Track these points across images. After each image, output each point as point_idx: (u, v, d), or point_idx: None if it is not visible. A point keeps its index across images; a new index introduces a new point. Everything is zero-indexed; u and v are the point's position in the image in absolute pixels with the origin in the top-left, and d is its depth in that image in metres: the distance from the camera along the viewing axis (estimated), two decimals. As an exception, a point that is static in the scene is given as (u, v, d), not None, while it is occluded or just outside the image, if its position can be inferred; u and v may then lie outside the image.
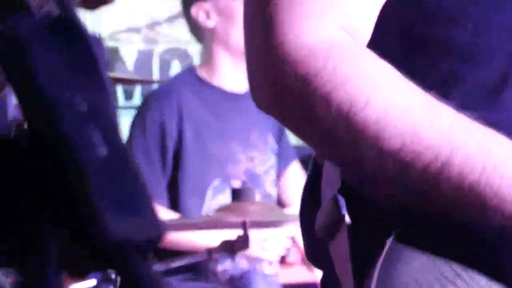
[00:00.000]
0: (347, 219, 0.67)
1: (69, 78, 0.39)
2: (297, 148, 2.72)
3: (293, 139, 2.64)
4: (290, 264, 2.44)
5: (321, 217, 0.71)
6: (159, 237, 0.38)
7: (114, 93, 1.67)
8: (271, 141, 2.45)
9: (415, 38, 0.69)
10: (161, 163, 2.32)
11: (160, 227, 0.38)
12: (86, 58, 0.40)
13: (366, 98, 0.62)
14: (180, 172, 2.31)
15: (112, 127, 0.39)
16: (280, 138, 2.52)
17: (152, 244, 0.37)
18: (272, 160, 2.46)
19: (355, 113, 0.62)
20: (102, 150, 0.38)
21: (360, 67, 0.64)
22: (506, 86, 0.66)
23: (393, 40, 0.68)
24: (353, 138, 0.63)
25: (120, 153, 0.38)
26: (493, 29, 0.68)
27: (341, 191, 0.69)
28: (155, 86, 3.09)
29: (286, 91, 0.64)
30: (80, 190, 0.36)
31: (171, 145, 2.28)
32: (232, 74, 2.41)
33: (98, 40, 0.41)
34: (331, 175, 0.71)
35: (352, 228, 0.67)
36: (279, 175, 2.49)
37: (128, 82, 2.97)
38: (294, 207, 2.37)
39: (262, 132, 2.42)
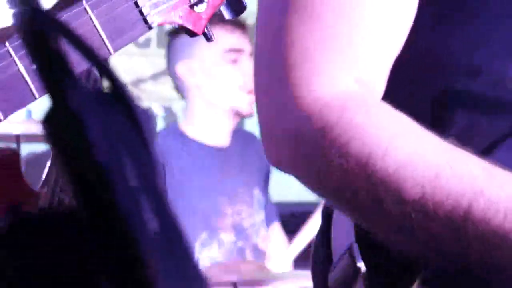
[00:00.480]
0: (363, 269, 0.67)
1: (121, 151, 0.39)
2: (280, 205, 2.72)
3: (275, 195, 2.65)
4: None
5: (335, 271, 0.70)
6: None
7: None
8: (258, 194, 2.45)
9: (431, 90, 0.70)
10: None
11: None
12: (137, 133, 0.40)
13: (385, 148, 0.62)
14: None
15: (162, 202, 0.39)
16: (266, 193, 2.52)
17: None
18: (262, 215, 2.45)
19: (374, 164, 0.62)
20: (154, 225, 0.38)
21: (376, 118, 0.64)
22: None
23: (406, 92, 0.69)
24: (373, 188, 0.62)
25: (171, 228, 0.38)
26: (507, 81, 0.70)
27: (356, 242, 0.68)
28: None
29: (303, 145, 0.65)
30: (135, 266, 0.36)
31: None
32: (214, 129, 2.43)
33: (147, 113, 0.42)
34: (342, 228, 0.71)
35: (368, 279, 0.67)
36: None
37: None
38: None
39: (248, 186, 2.43)
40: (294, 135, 0.66)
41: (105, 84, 0.40)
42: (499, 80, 0.70)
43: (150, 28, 0.84)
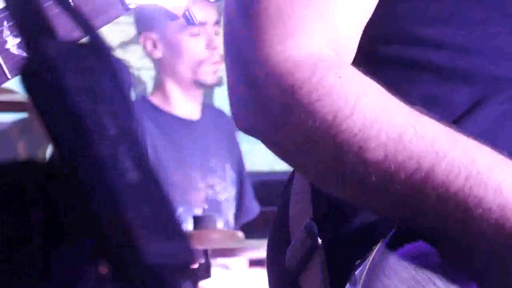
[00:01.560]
0: (320, 244, 0.67)
1: (99, 101, 0.38)
2: (250, 174, 2.74)
3: (248, 164, 2.67)
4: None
5: (292, 250, 0.70)
6: (192, 261, 0.38)
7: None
8: (229, 169, 2.46)
9: (391, 57, 0.71)
10: None
11: (194, 252, 0.38)
12: (113, 82, 0.40)
13: (351, 108, 0.63)
14: None
15: (142, 151, 0.39)
16: (238, 171, 2.52)
17: (186, 269, 0.37)
18: (232, 190, 2.46)
19: (340, 123, 0.62)
20: (134, 175, 0.37)
21: (345, 79, 0.64)
22: (480, 106, 0.68)
23: (370, 57, 0.69)
24: (337, 147, 0.63)
25: (151, 178, 0.38)
26: (471, 54, 0.70)
27: (314, 219, 0.69)
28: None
29: (272, 102, 0.65)
30: (114, 215, 0.36)
31: None
32: (184, 102, 2.42)
33: (123, 65, 0.41)
34: (300, 208, 0.71)
35: (326, 254, 0.67)
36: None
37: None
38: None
39: (220, 159, 2.43)
40: (262, 93, 0.66)
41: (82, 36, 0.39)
42: (463, 52, 0.70)
43: (127, 10, 0.83)
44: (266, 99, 0.65)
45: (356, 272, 0.63)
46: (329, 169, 0.65)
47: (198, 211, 2.29)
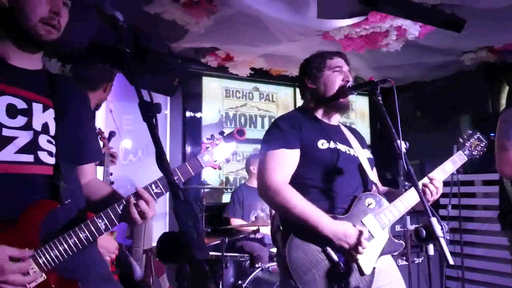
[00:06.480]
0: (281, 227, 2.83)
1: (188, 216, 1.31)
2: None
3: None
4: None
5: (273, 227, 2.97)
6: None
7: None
8: None
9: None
10: None
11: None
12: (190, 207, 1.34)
13: (293, 206, 2.61)
14: None
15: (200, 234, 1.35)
16: None
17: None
18: None
19: (290, 208, 2.73)
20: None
21: (291, 197, 2.82)
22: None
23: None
24: (284, 209, 2.73)
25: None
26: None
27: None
28: None
29: (267, 195, 2.79)
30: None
31: None
32: None
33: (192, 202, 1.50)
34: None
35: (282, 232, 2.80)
36: None
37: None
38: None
39: None
40: (266, 193, 2.78)
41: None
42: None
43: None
44: (266, 192, 2.75)
45: None
46: (282, 212, 2.70)
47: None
